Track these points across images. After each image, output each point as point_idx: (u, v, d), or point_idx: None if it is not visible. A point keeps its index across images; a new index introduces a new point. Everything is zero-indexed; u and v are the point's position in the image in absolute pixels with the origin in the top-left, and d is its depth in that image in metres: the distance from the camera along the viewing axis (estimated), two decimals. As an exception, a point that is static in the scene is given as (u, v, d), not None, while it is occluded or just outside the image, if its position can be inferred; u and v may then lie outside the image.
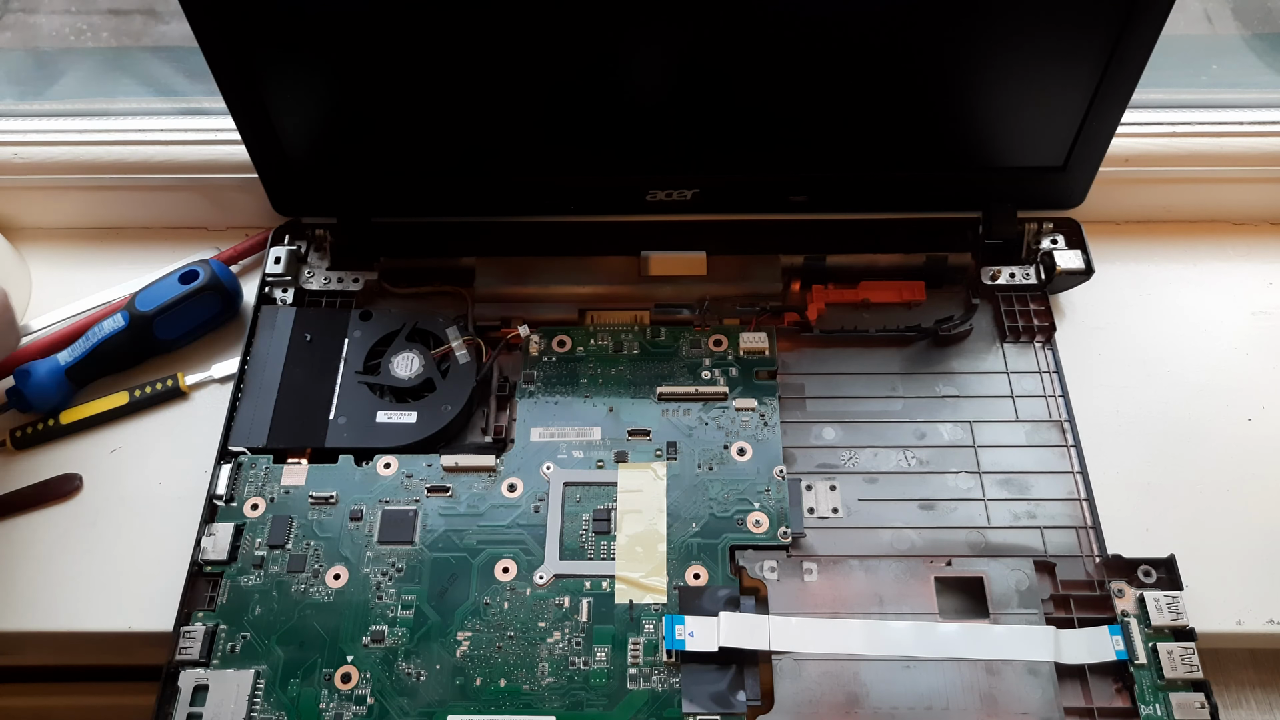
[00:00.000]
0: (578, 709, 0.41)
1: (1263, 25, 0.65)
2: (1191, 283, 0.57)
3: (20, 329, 0.54)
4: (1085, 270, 0.53)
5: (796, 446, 0.49)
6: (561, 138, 0.50)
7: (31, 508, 0.50)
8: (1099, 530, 0.46)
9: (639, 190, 0.53)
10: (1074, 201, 0.54)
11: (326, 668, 0.42)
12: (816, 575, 0.44)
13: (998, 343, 0.52)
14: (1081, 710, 0.41)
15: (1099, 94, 0.47)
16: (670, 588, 0.44)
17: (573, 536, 0.46)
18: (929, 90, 0.47)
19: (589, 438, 0.49)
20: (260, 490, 0.47)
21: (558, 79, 0.47)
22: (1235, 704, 0.48)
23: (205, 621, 0.44)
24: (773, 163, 0.52)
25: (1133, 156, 0.56)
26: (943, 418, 0.50)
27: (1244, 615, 0.45)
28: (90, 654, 0.49)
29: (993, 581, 0.43)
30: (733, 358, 0.51)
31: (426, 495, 0.47)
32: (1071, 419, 0.49)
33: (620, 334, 0.52)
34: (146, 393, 0.53)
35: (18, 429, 0.53)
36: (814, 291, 0.54)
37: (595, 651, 0.43)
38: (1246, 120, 0.57)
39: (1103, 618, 0.43)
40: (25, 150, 0.58)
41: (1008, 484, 0.48)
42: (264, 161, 0.52)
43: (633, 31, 0.45)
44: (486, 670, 0.42)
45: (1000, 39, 0.45)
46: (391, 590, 0.44)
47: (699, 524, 0.46)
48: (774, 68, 0.46)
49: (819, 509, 0.47)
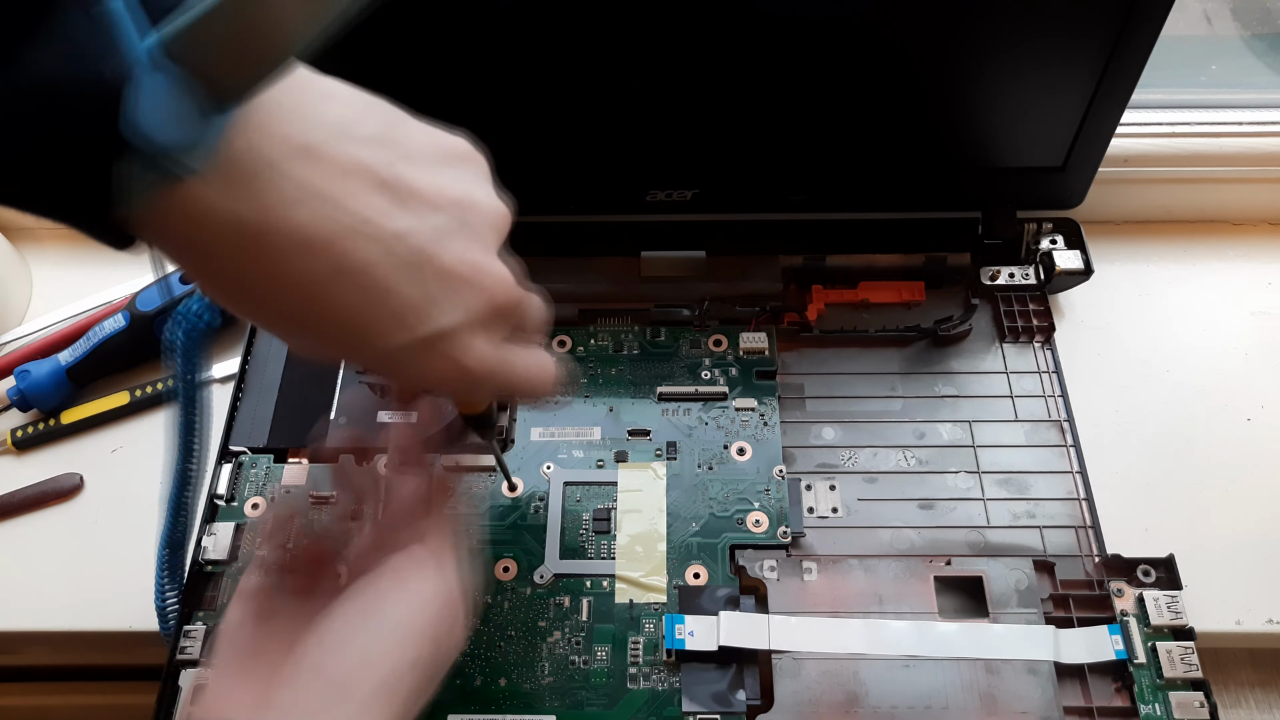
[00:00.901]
0: (578, 708, 0.41)
1: (1262, 26, 0.65)
2: (1191, 283, 0.57)
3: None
4: (1085, 270, 0.53)
5: (796, 446, 0.49)
6: (561, 137, 0.50)
7: (32, 508, 0.50)
8: (1098, 530, 0.46)
9: (639, 190, 0.53)
10: (1073, 202, 0.54)
11: (327, 667, 0.42)
12: (816, 575, 0.44)
13: (997, 343, 0.53)
14: (1081, 709, 0.41)
15: (1098, 94, 0.47)
16: (670, 587, 0.44)
17: (573, 536, 0.46)
18: (928, 90, 0.47)
19: (589, 437, 0.49)
20: (261, 490, 0.47)
21: (557, 79, 0.47)
22: (1234, 703, 0.48)
23: (205, 621, 0.44)
24: (773, 163, 0.52)
25: (1132, 157, 0.56)
26: (942, 417, 0.50)
27: (1243, 615, 0.45)
28: (90, 654, 0.49)
29: (992, 581, 0.43)
30: (733, 358, 0.51)
31: (427, 495, 0.47)
32: (1071, 419, 0.49)
33: (620, 334, 0.52)
34: (147, 392, 0.53)
35: (18, 429, 0.53)
36: (814, 292, 0.54)
37: (595, 651, 0.43)
38: (1245, 120, 0.57)
39: (1102, 617, 0.43)
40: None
41: (1007, 484, 0.48)
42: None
43: (632, 31, 0.45)
44: (487, 669, 0.42)
45: (999, 39, 0.45)
46: (392, 590, 0.44)
47: (699, 523, 0.46)
48: (774, 68, 0.46)
49: (819, 509, 0.47)
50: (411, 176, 0.28)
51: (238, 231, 0.25)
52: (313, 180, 0.26)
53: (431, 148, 0.29)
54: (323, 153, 0.26)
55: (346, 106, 0.28)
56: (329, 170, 0.26)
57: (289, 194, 0.25)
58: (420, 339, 0.29)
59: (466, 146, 0.31)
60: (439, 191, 0.29)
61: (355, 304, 0.27)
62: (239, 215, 0.25)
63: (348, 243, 0.27)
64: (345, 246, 0.27)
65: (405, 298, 0.28)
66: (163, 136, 0.22)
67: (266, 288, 0.27)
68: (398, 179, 0.28)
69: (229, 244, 0.25)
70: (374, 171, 0.27)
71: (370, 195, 0.27)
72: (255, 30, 0.23)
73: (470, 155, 0.31)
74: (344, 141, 0.27)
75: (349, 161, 0.27)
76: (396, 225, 0.27)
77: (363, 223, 0.27)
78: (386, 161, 0.27)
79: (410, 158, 0.28)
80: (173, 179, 0.23)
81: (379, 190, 0.27)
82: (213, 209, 0.24)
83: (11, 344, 0.57)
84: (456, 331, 0.30)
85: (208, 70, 0.23)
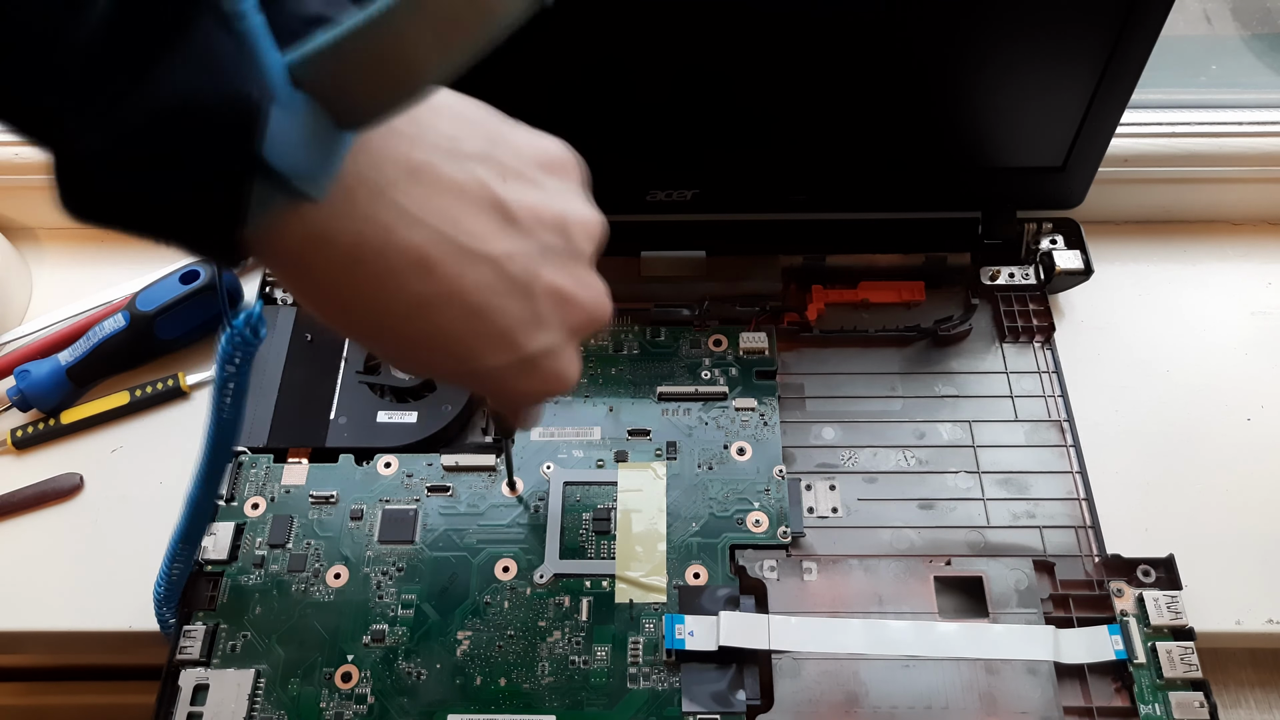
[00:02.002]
0: (578, 708, 0.41)
1: (1262, 26, 0.65)
2: (1190, 283, 0.57)
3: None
4: (1084, 270, 0.53)
5: (796, 446, 0.49)
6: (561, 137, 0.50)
7: (32, 508, 0.50)
8: (1098, 530, 0.46)
9: (639, 190, 0.53)
10: (1073, 202, 0.54)
11: (327, 667, 0.42)
12: (816, 575, 0.44)
13: (997, 343, 0.53)
14: (1081, 709, 0.41)
15: (1098, 94, 0.47)
16: (670, 587, 0.44)
17: (573, 536, 0.46)
18: (928, 90, 0.47)
19: (589, 437, 0.49)
20: (261, 490, 0.47)
21: (557, 79, 0.47)
22: (1234, 703, 0.48)
23: (205, 621, 0.44)
24: (773, 163, 0.52)
25: (1132, 157, 0.56)
26: (942, 417, 0.50)
27: (1243, 615, 0.45)
28: (90, 654, 0.49)
29: (992, 581, 0.43)
30: (733, 358, 0.51)
31: (427, 495, 0.47)
32: (1071, 419, 0.49)
33: (620, 334, 0.52)
34: (147, 392, 0.53)
35: (18, 429, 0.53)
36: (814, 291, 0.54)
37: (595, 651, 0.43)
38: (1245, 120, 0.57)
39: (1102, 617, 0.43)
40: (25, 150, 0.58)
41: (1007, 484, 0.48)
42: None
43: (633, 31, 0.45)
44: (487, 669, 0.42)
45: (999, 39, 0.45)
46: (392, 589, 0.44)
47: (699, 523, 0.46)
48: (774, 68, 0.46)
49: (819, 508, 0.47)
50: (518, 194, 0.28)
51: (352, 254, 0.25)
52: (427, 201, 0.26)
53: (534, 158, 0.29)
54: (436, 173, 0.26)
55: (454, 121, 0.27)
56: (442, 191, 0.26)
57: (405, 216, 0.25)
58: (523, 358, 0.29)
59: (564, 153, 0.31)
60: (544, 208, 0.29)
61: (462, 324, 0.27)
62: (355, 237, 0.25)
63: (459, 265, 0.26)
64: (456, 269, 0.26)
65: (512, 318, 0.28)
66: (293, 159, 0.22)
67: (374, 308, 0.27)
68: (506, 197, 0.27)
69: (342, 265, 0.25)
70: (484, 190, 0.27)
71: (480, 215, 0.27)
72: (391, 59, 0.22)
73: (568, 163, 0.31)
74: (454, 159, 0.27)
75: (461, 181, 0.27)
76: (505, 246, 0.27)
77: (474, 244, 0.27)
78: (495, 178, 0.27)
79: (516, 173, 0.28)
80: (296, 201, 0.23)
81: (489, 210, 0.27)
82: (329, 231, 0.24)
83: (11, 344, 0.57)
84: (559, 349, 0.30)
85: (342, 95, 0.22)
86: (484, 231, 0.27)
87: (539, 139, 0.30)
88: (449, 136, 0.27)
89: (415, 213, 0.25)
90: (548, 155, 0.30)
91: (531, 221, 0.28)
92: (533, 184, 0.29)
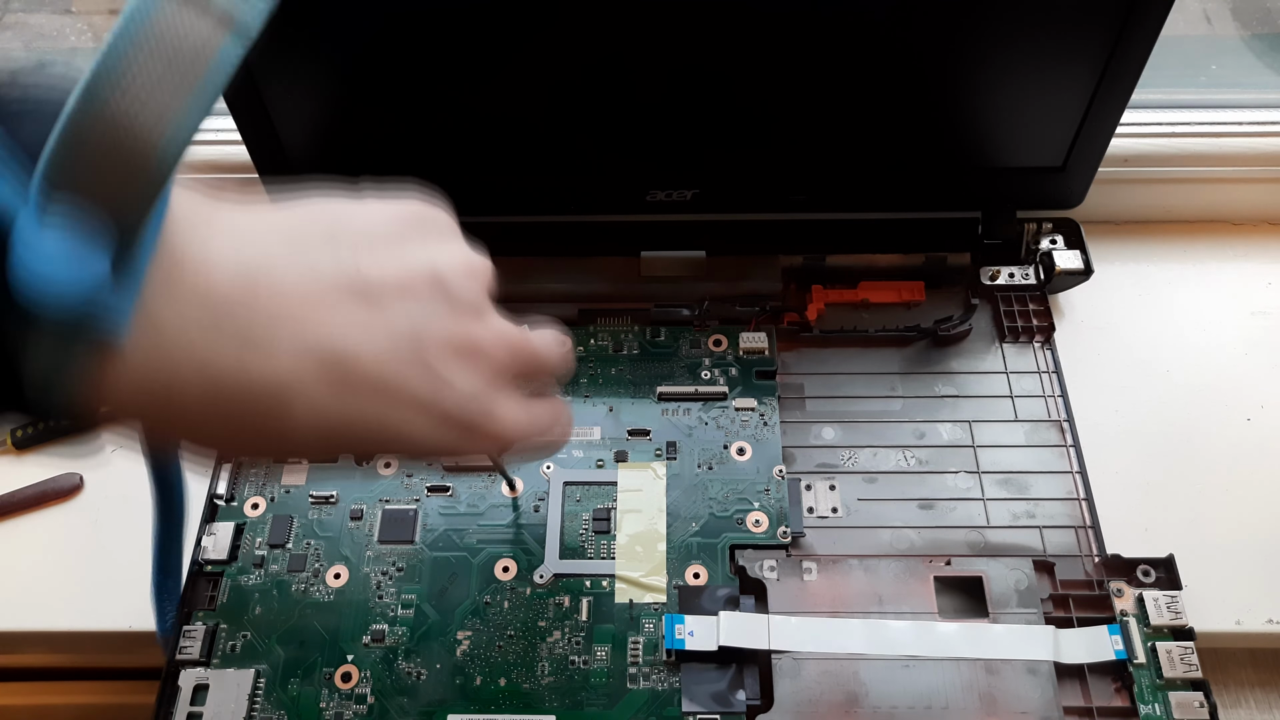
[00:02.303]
0: (578, 708, 0.41)
1: (1262, 26, 0.65)
2: (1190, 283, 0.57)
3: None
4: (1084, 270, 0.53)
5: (796, 446, 0.49)
6: (561, 138, 0.50)
7: (32, 508, 0.50)
8: (1098, 530, 0.46)
9: (639, 190, 0.53)
10: (1073, 202, 0.54)
11: (327, 667, 0.42)
12: (816, 575, 0.44)
13: (997, 343, 0.53)
14: (1080, 709, 0.41)
15: (1098, 94, 0.47)
16: (670, 587, 0.44)
17: (573, 536, 0.46)
18: (928, 90, 0.47)
19: (589, 437, 0.49)
20: (260, 490, 0.47)
21: (557, 79, 0.47)
22: (1234, 703, 0.48)
23: (205, 621, 0.44)
24: (773, 163, 0.52)
25: (1132, 157, 0.56)
26: (942, 417, 0.50)
27: (1243, 615, 0.45)
28: (90, 654, 0.49)
29: (992, 581, 0.43)
30: (732, 358, 0.51)
31: (426, 495, 0.47)
32: (1071, 419, 0.49)
33: (620, 334, 0.52)
34: (147, 392, 0.53)
35: (18, 429, 0.53)
36: (814, 291, 0.54)
37: (595, 651, 0.43)
38: (1245, 120, 0.57)
39: (1102, 617, 0.43)
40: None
41: (1007, 484, 0.48)
42: (264, 161, 0.52)
43: (632, 31, 0.45)
44: (486, 669, 0.42)
45: (999, 39, 0.45)
46: (392, 589, 0.44)
47: (699, 523, 0.46)
48: (774, 68, 0.46)
49: (818, 508, 0.47)
50: (377, 268, 0.26)
51: (210, 400, 0.23)
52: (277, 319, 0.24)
53: (384, 225, 0.27)
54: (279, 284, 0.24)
55: (287, 222, 0.25)
56: (291, 298, 0.24)
57: (252, 344, 0.23)
58: (444, 420, 0.28)
59: (419, 206, 0.29)
60: (409, 271, 0.27)
61: (371, 415, 0.26)
62: (203, 382, 0.22)
63: (340, 369, 0.25)
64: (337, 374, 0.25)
65: (416, 390, 0.27)
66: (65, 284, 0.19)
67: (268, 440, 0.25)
68: (365, 281, 0.25)
69: (204, 415, 0.23)
70: (337, 279, 0.25)
71: (340, 307, 0.25)
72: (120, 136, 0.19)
73: (427, 215, 0.29)
74: (296, 257, 0.25)
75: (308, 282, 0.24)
76: (381, 330, 0.26)
77: (344, 341, 0.25)
78: (347, 263, 0.25)
79: (369, 247, 0.26)
80: (104, 344, 0.20)
81: (349, 298, 0.25)
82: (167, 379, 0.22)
83: (11, 344, 0.57)
84: (482, 397, 0.29)
85: (86, 194, 0.19)
86: (349, 322, 0.25)
87: (386, 204, 0.28)
88: (285, 240, 0.25)
89: (266, 336, 0.23)
90: (401, 215, 0.28)
91: (398, 291, 0.26)
92: (392, 253, 0.27)
